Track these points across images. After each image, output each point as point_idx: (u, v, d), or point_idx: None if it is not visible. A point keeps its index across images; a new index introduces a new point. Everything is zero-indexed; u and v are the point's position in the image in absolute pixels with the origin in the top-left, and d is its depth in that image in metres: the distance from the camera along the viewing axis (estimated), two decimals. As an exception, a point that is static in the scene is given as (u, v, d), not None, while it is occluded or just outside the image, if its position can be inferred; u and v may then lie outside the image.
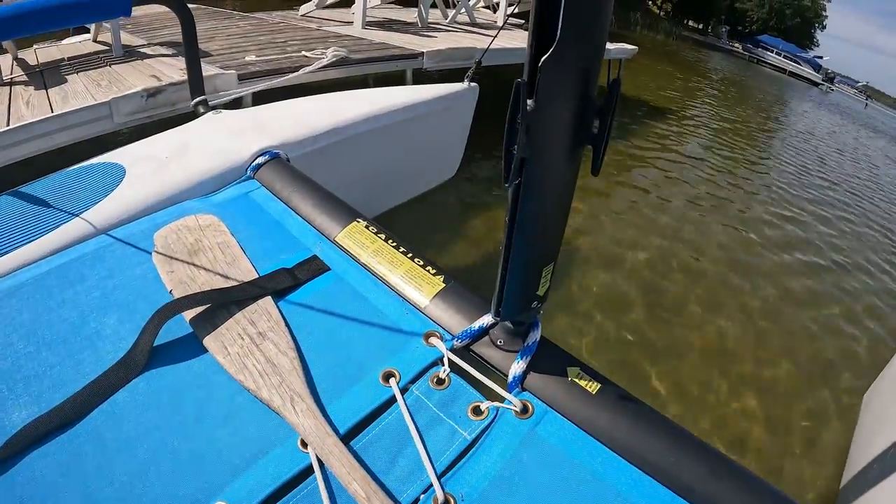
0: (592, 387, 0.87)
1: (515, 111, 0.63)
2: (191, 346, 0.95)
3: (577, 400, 0.86)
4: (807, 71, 20.56)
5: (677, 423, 0.85)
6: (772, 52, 21.91)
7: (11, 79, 3.12)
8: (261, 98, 2.25)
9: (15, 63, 3.44)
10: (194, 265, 1.10)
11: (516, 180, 0.71)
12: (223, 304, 0.99)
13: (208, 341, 0.93)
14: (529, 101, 0.63)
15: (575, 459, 0.80)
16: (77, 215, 1.27)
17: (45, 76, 3.12)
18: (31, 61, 3.49)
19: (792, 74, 20.55)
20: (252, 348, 0.91)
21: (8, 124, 2.32)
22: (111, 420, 0.84)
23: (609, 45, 6.61)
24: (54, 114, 2.31)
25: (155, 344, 0.92)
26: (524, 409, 0.85)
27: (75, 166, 1.50)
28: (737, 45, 23.85)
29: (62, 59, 3.47)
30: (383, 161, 1.96)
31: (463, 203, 3.55)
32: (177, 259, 1.12)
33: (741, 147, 7.06)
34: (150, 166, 1.46)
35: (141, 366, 0.90)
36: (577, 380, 0.88)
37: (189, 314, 0.98)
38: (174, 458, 0.80)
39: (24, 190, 1.37)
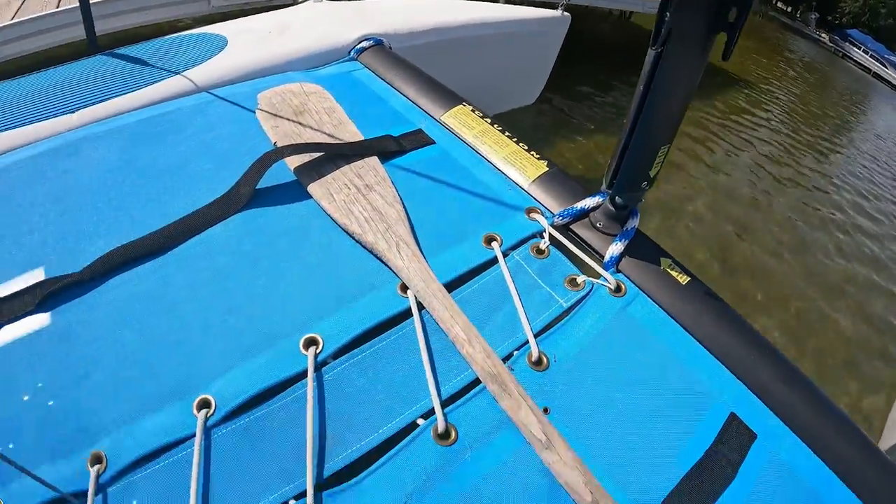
0: (682, 279, 0.88)
1: None
2: (293, 192, 0.98)
3: (667, 288, 0.87)
4: (892, 75, 19.50)
5: (756, 329, 0.86)
6: (859, 48, 20.83)
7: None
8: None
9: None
10: (300, 123, 1.12)
11: (659, 48, 0.72)
12: (330, 156, 1.01)
13: (313, 188, 0.96)
14: None
15: (661, 341, 0.82)
16: (178, 73, 1.30)
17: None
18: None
19: (876, 76, 19.54)
20: (358, 196, 0.94)
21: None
22: (205, 251, 0.88)
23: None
24: (152, -12, 2.35)
25: (258, 187, 0.96)
26: (618, 289, 0.86)
27: (175, 34, 1.52)
28: (824, 35, 22.74)
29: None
30: (472, 71, 1.95)
31: (534, 131, 3.53)
32: (282, 117, 1.14)
33: (811, 132, 6.80)
34: (252, 38, 1.48)
35: (242, 203, 0.94)
36: (668, 270, 0.89)
37: (294, 162, 1.01)
38: (267, 291, 0.83)
39: (122, 51, 1.41)
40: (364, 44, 1.47)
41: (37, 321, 0.78)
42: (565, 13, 2.18)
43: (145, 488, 0.64)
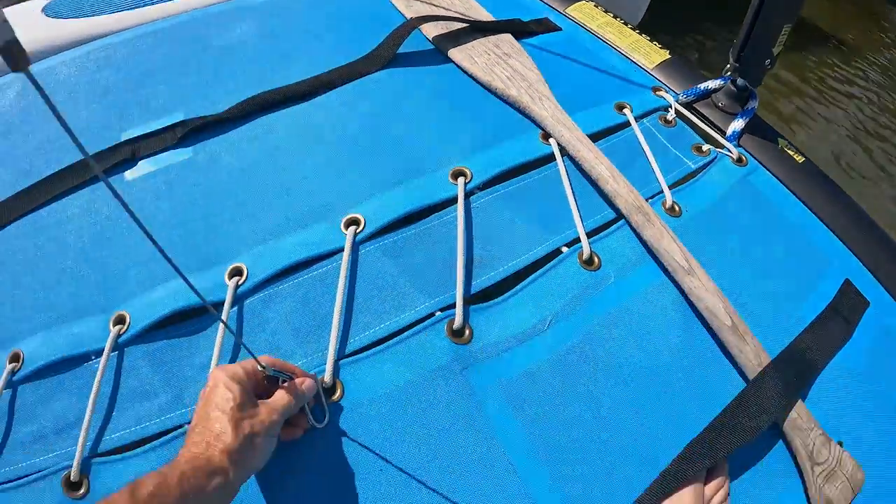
0: (799, 158, 0.95)
1: None
2: (434, 57, 1.05)
3: (785, 164, 0.94)
4: None
5: (866, 211, 0.92)
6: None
7: None
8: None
9: None
10: (433, 3, 1.18)
11: None
12: (468, 29, 1.07)
13: (453, 53, 1.03)
14: None
15: (781, 209, 0.88)
16: None
17: None
18: None
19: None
20: (499, 60, 1.00)
21: None
22: (351, 99, 0.94)
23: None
24: None
25: (399, 51, 1.02)
26: (740, 160, 0.92)
27: None
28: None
29: None
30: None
31: None
32: (412, -1, 1.20)
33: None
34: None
35: (384, 62, 1.00)
36: (786, 149, 0.95)
37: (433, 31, 1.07)
38: (413, 132, 0.90)
39: None
40: None
41: (178, 156, 0.85)
42: None
43: (288, 299, 0.69)
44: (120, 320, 0.67)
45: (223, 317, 0.66)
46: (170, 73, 0.99)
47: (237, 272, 0.70)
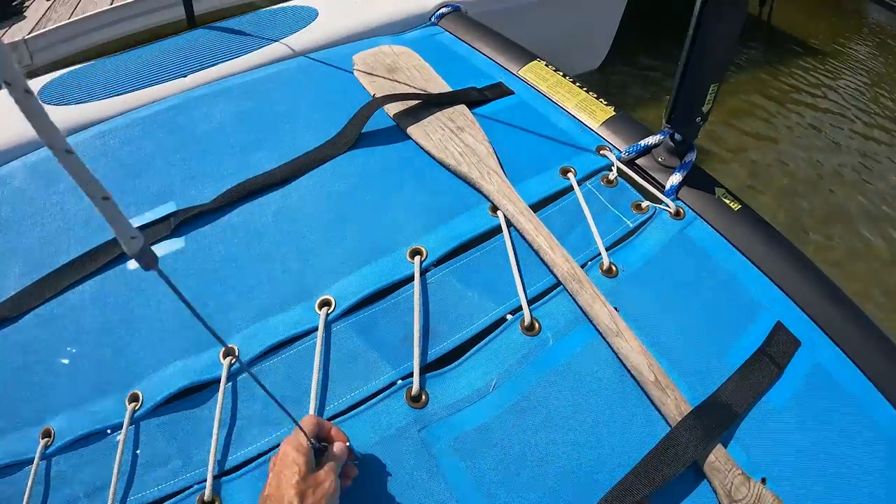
0: (735, 205, 1.01)
1: None
2: (394, 135, 1.15)
3: (721, 213, 1.00)
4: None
5: (801, 251, 0.98)
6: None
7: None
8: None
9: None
10: (394, 80, 1.28)
11: None
12: (424, 104, 1.17)
13: (412, 130, 1.12)
14: None
15: (716, 259, 0.94)
16: (276, 41, 1.48)
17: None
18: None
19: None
20: (452, 136, 1.10)
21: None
22: (319, 183, 1.05)
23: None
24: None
25: (363, 131, 1.13)
26: (677, 213, 0.99)
27: (268, 8, 1.70)
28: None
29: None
30: (540, 34, 2.04)
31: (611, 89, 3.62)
32: (377, 75, 1.30)
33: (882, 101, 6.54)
34: (340, 9, 1.65)
35: (350, 144, 1.11)
36: (722, 198, 1.02)
37: (393, 109, 1.17)
38: (375, 213, 1.00)
39: (220, 25, 1.59)
40: (444, 10, 1.62)
41: (173, 245, 0.97)
42: None
43: (273, 374, 0.80)
44: (134, 398, 0.78)
45: (220, 392, 0.77)
46: (160, 163, 1.11)
47: (230, 353, 0.81)
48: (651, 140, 1.08)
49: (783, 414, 0.77)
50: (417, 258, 0.90)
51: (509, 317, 0.86)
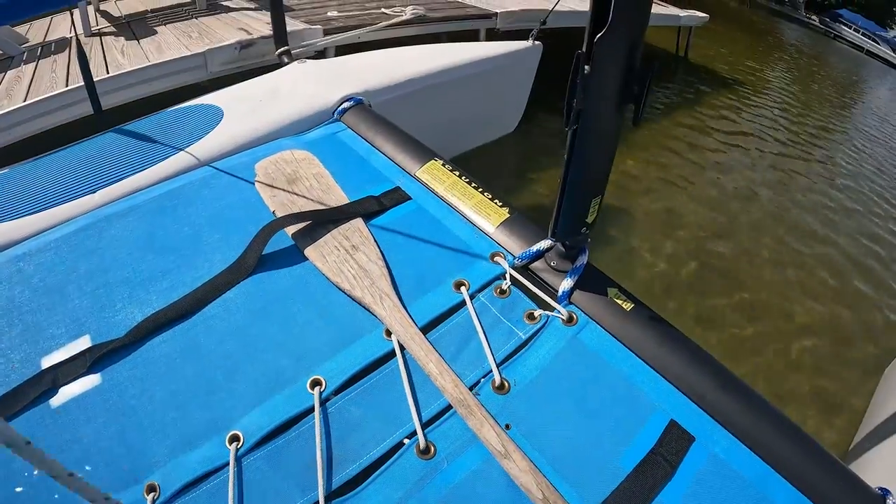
0: (627, 305, 1.03)
1: (575, 74, 0.83)
2: (293, 256, 1.15)
3: (613, 315, 1.02)
4: (885, 51, 19.35)
5: (697, 343, 1.00)
6: (850, 28, 20.68)
7: (100, 30, 3.37)
8: (341, 51, 2.41)
9: (98, 14, 3.68)
10: (294, 193, 1.29)
11: (574, 126, 0.89)
12: (321, 222, 1.18)
13: (309, 251, 1.13)
14: (586, 67, 0.82)
15: (609, 362, 0.96)
16: (182, 149, 1.48)
17: (133, 27, 3.35)
18: (115, 13, 3.72)
19: (869, 53, 19.40)
20: (347, 257, 1.10)
21: (108, 72, 2.56)
22: (223, 312, 1.05)
23: (679, 13, 6.54)
24: (152, 63, 2.55)
25: (262, 253, 1.13)
26: (570, 319, 1.01)
27: (175, 107, 1.70)
28: (814, 18, 22.59)
29: (146, 11, 3.70)
30: (451, 111, 2.11)
31: (528, 151, 3.71)
32: (277, 187, 1.31)
33: (808, 117, 6.89)
34: (245, 108, 1.65)
35: (250, 269, 1.11)
36: (615, 298, 1.04)
37: (291, 230, 1.17)
38: (278, 342, 1.00)
39: (129, 127, 1.58)
40: (346, 104, 1.65)
41: (90, 381, 0.95)
42: (536, 42, 2.34)
43: None
44: None
45: None
46: (73, 291, 1.09)
47: (152, 489, 0.81)
48: (543, 244, 1.11)
49: None
50: (317, 389, 0.91)
51: (406, 441, 0.87)
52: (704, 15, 7.30)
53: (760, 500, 0.80)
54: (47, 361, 0.97)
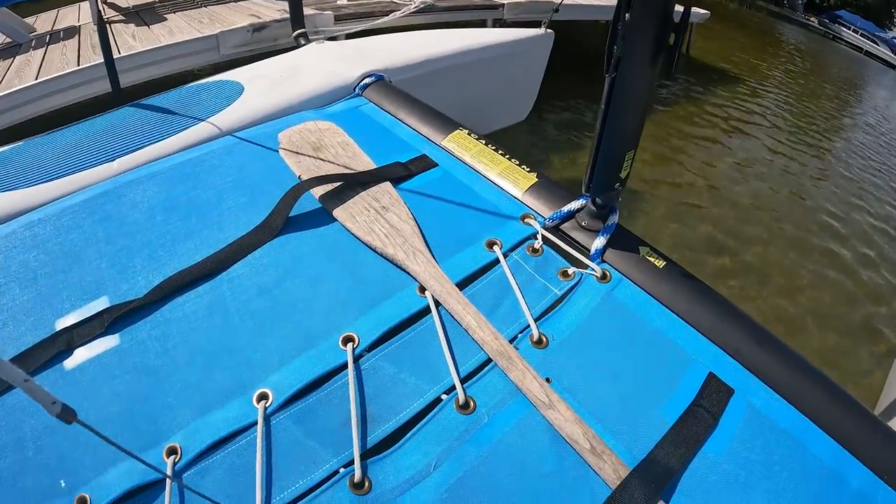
0: (659, 263, 1.03)
1: (616, 21, 0.84)
2: (321, 218, 1.14)
3: (646, 272, 1.02)
4: (883, 52, 19.43)
5: (728, 300, 1.00)
6: (849, 29, 20.75)
7: (108, 19, 3.36)
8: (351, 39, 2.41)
9: (105, 6, 3.67)
10: (319, 158, 1.28)
11: (613, 74, 0.89)
12: (350, 184, 1.17)
13: (338, 212, 1.12)
14: (626, 15, 0.82)
15: (644, 318, 0.96)
16: (203, 120, 1.47)
17: (143, 15, 3.35)
18: (122, 3, 3.72)
19: (868, 54, 19.48)
20: (377, 217, 1.10)
21: (119, 53, 2.56)
22: (250, 272, 1.04)
23: (681, 9, 6.56)
24: (164, 44, 2.54)
25: (289, 215, 1.12)
26: (603, 276, 1.01)
27: (194, 83, 1.69)
28: (813, 19, 22.66)
29: (154, 1, 3.70)
30: (466, 94, 2.11)
31: (536, 141, 3.72)
32: (302, 153, 1.31)
33: (806, 116, 6.91)
34: (266, 83, 1.65)
35: (277, 230, 1.10)
36: (647, 256, 1.04)
37: (319, 191, 1.17)
38: (307, 300, 0.99)
39: (148, 102, 1.58)
40: (367, 80, 1.65)
41: (109, 342, 0.93)
42: (548, 31, 2.34)
43: (217, 471, 0.78)
44: (82, 501, 0.74)
45: (167, 492, 0.74)
46: (91, 254, 1.08)
47: (173, 451, 0.79)
48: (574, 205, 1.10)
49: (724, 462, 0.78)
50: (350, 345, 0.90)
51: (444, 396, 0.85)
52: (705, 11, 7.35)
53: (800, 452, 0.80)
54: (62, 324, 0.95)
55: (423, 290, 0.98)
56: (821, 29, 21.50)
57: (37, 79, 2.37)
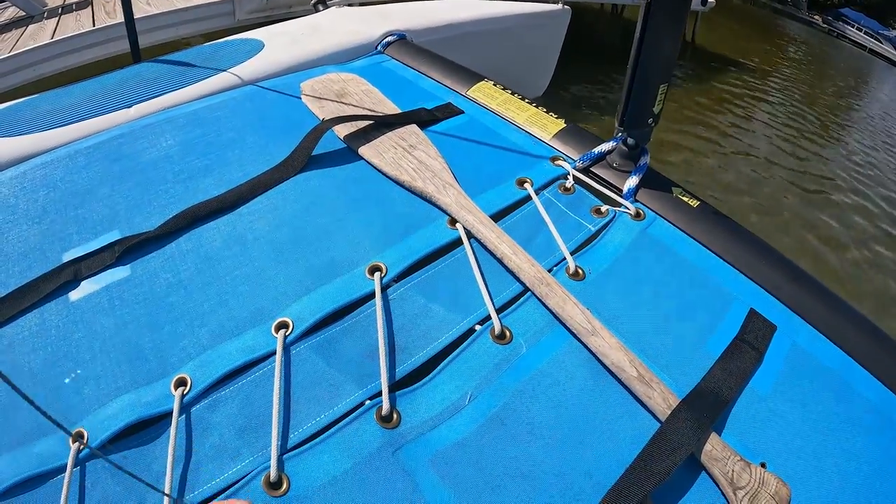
0: (693, 202, 1.02)
1: None
2: (345, 156, 1.13)
3: (680, 211, 1.01)
4: (888, 50, 19.35)
5: (762, 239, 0.99)
6: (853, 27, 20.67)
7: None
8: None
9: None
10: (343, 103, 1.27)
11: None
12: (375, 124, 1.16)
13: (363, 150, 1.11)
14: None
15: (681, 255, 0.95)
16: (223, 70, 1.46)
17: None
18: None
19: (872, 52, 19.40)
20: (405, 153, 1.08)
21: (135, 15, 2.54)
22: (271, 205, 1.02)
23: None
24: (179, 7, 2.52)
25: (313, 153, 1.11)
26: (637, 214, 1.00)
27: (213, 42, 1.68)
28: (817, 16, 22.57)
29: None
30: (486, 62, 2.09)
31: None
32: (326, 99, 1.29)
33: (808, 112, 6.91)
34: (286, 40, 1.64)
35: (300, 167, 1.08)
36: (680, 196, 1.03)
37: (343, 131, 1.16)
38: (330, 232, 0.97)
39: (166, 58, 1.56)
40: (389, 38, 1.64)
41: (119, 273, 0.91)
42: (565, 6, 2.33)
43: (230, 403, 0.74)
44: (78, 437, 0.70)
45: (173, 426, 0.70)
46: (104, 191, 1.06)
47: (182, 382, 0.75)
48: (604, 147, 1.09)
49: (771, 397, 0.77)
50: (377, 274, 0.87)
51: (478, 327, 0.83)
52: (711, 0, 7.32)
53: (843, 389, 0.79)
54: (71, 256, 0.93)
55: (453, 223, 0.96)
56: (825, 27, 21.38)
57: (52, 37, 2.36)
